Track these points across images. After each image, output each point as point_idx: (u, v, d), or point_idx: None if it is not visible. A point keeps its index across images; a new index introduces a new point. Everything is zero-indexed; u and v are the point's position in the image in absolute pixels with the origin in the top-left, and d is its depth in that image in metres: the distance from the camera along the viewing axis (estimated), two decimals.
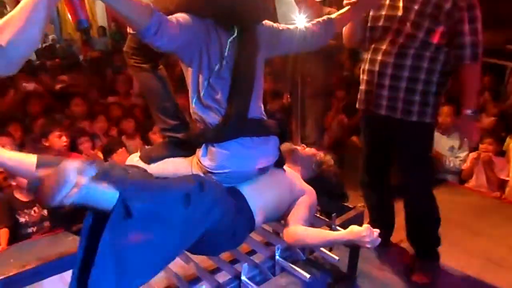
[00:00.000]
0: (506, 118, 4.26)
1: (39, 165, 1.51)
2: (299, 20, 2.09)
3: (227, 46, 1.61)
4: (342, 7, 1.99)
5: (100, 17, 10.30)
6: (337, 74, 4.71)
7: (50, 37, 10.46)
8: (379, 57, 2.25)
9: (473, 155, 3.84)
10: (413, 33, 2.13)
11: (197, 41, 1.57)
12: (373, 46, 2.30)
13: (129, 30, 1.42)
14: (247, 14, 1.62)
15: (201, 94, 1.59)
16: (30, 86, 4.60)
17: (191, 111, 1.65)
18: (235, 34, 1.63)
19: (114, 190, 1.19)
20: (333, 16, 1.93)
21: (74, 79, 5.16)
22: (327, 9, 3.13)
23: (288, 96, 3.89)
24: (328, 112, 4.19)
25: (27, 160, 1.52)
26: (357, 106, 2.49)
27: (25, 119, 3.80)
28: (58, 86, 4.95)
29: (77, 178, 1.11)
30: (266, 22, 1.76)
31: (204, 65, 1.58)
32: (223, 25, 1.62)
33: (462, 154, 3.92)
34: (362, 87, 2.40)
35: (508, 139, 3.89)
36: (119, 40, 8.35)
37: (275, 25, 1.81)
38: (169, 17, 1.50)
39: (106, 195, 1.18)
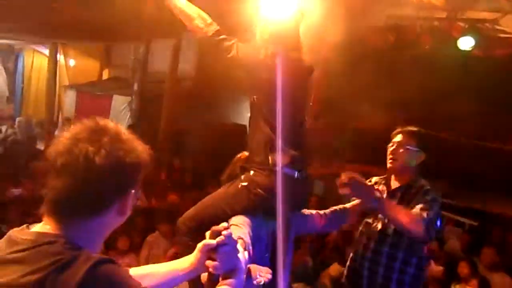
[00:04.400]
0: (452, 265, 4.77)
1: None
2: None
3: (270, 234, 1.97)
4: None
5: (68, 109, 10.40)
6: None
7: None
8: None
9: None
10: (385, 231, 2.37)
11: (253, 233, 1.90)
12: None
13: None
14: (286, 209, 1.95)
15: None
16: (16, 191, 4.56)
17: None
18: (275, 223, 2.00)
19: None
20: (347, 205, 2.33)
21: None
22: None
23: None
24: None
25: None
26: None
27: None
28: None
29: None
30: None
31: (255, 253, 1.88)
32: (267, 218, 1.97)
33: None
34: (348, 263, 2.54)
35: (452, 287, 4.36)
36: None
37: (305, 211, 2.20)
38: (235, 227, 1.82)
39: None
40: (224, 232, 1.19)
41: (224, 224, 1.24)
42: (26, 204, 4.35)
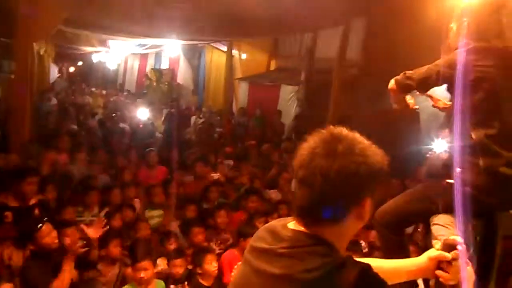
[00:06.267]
0: None
1: None
2: None
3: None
4: None
5: (242, 99, 11.48)
6: None
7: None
8: None
9: None
10: None
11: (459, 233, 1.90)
12: None
13: None
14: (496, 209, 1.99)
15: None
16: (215, 175, 5.38)
17: None
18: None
19: None
20: None
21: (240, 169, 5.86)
22: None
23: None
24: None
25: None
26: None
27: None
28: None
29: None
30: None
31: None
32: (474, 218, 1.94)
33: None
34: None
35: None
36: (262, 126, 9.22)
37: None
38: None
39: None
40: (459, 247, 1.24)
41: (458, 238, 1.27)
42: (223, 186, 5.08)
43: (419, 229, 3.65)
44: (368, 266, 1.05)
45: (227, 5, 6.51)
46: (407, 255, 2.09)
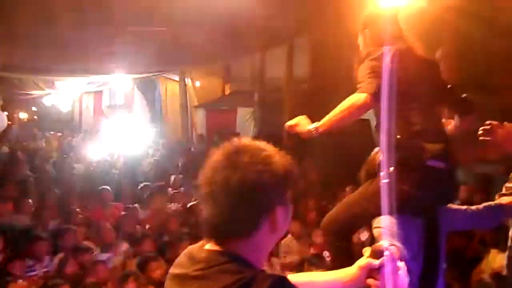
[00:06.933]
0: None
1: None
2: None
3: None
4: None
5: (200, 126, 11.42)
6: None
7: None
8: None
9: None
10: None
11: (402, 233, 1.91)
12: None
13: None
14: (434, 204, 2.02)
15: None
16: (173, 206, 5.24)
17: None
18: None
19: None
20: (503, 201, 2.12)
21: None
22: None
23: None
24: None
25: None
26: None
27: None
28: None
29: None
30: None
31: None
32: (415, 215, 2.00)
33: None
34: None
35: None
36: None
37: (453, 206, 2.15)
38: None
39: None
40: (386, 253, 1.21)
41: (385, 244, 1.25)
42: (182, 217, 4.96)
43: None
44: (282, 278, 1.02)
45: (174, 35, 6.54)
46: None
